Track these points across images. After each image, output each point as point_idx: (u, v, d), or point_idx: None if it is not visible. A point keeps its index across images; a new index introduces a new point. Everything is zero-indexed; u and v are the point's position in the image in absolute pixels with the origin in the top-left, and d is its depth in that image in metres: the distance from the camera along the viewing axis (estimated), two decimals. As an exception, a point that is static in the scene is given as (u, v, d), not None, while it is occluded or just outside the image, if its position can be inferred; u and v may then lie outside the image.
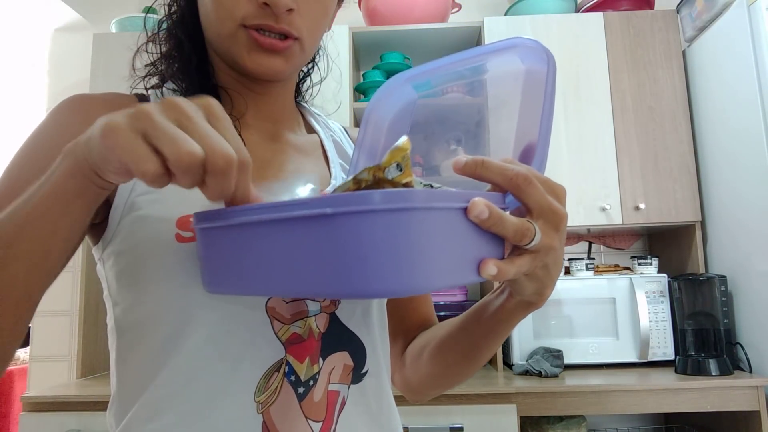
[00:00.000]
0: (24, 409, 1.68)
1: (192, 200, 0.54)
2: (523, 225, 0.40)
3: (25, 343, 2.42)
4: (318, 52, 0.73)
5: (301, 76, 0.74)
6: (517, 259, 0.41)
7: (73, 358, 2.29)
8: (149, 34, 0.66)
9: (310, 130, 0.72)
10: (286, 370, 0.53)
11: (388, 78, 2.28)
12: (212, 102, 0.39)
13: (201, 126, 0.36)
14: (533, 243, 0.41)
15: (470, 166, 0.41)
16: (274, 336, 0.54)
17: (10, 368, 2.53)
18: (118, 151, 0.36)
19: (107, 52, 2.17)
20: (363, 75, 2.28)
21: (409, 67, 2.32)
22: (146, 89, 0.65)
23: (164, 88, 0.63)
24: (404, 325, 0.72)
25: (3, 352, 0.44)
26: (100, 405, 1.66)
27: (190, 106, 0.37)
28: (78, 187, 0.41)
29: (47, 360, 2.37)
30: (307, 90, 0.75)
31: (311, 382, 0.54)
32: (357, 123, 2.26)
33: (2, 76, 2.62)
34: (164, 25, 0.65)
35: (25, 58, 2.64)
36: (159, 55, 0.65)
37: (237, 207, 0.40)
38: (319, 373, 0.55)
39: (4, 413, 2.35)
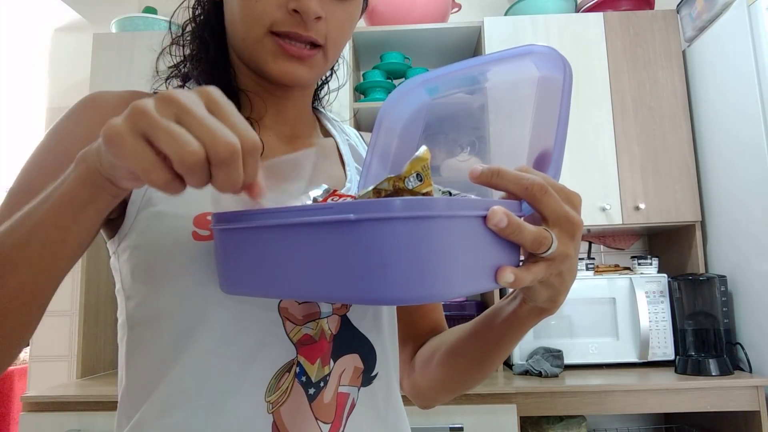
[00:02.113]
0: (24, 409, 1.68)
1: (209, 197, 0.54)
2: (540, 234, 0.40)
3: (25, 343, 2.42)
4: (337, 60, 0.74)
5: (319, 83, 0.75)
6: (533, 267, 0.41)
7: (73, 358, 2.30)
8: (173, 36, 0.66)
9: (327, 134, 0.72)
10: (297, 370, 0.54)
11: (388, 78, 2.28)
12: (211, 89, 0.37)
13: (200, 117, 0.35)
14: (550, 251, 0.41)
15: (486, 175, 0.41)
16: (285, 336, 0.54)
17: (10, 368, 2.53)
18: (125, 159, 0.35)
19: (107, 52, 2.17)
20: (363, 75, 2.28)
21: (409, 66, 2.31)
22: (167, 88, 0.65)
23: (185, 88, 0.63)
24: (414, 331, 0.72)
25: (8, 354, 0.45)
26: (100, 405, 1.66)
27: (187, 97, 0.36)
28: (89, 196, 0.41)
29: (47, 360, 2.37)
30: (324, 96, 0.76)
31: (322, 384, 0.55)
32: (357, 123, 2.26)
33: (2, 76, 2.62)
34: (188, 28, 0.66)
35: (25, 58, 2.64)
36: (182, 58, 0.65)
37: (258, 210, 0.40)
38: (329, 374, 0.55)
39: (4, 413, 2.35)
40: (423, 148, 0.40)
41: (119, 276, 0.59)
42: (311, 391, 0.54)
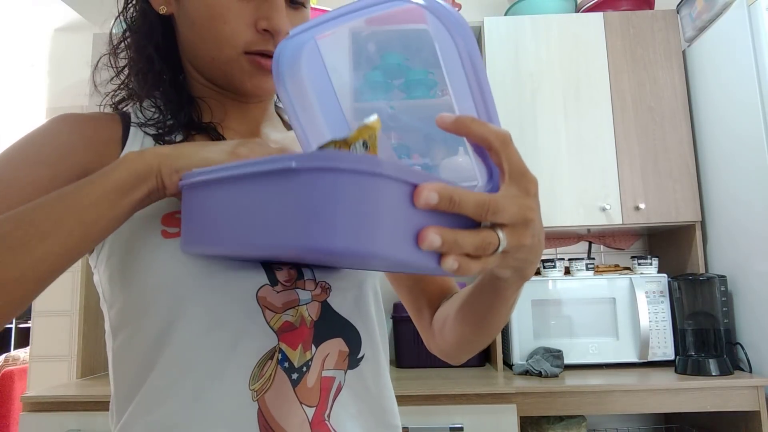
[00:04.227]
0: (24, 409, 1.68)
1: (175, 200, 0.55)
2: (484, 240, 0.38)
3: (26, 343, 2.42)
4: None
5: None
6: (482, 258, 0.39)
7: (73, 358, 2.29)
8: (113, 46, 0.66)
9: (290, 128, 0.74)
10: (280, 357, 0.54)
11: (388, 79, 2.27)
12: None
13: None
14: (499, 249, 0.39)
15: (464, 122, 0.40)
16: (266, 325, 0.55)
17: (10, 368, 2.53)
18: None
19: (107, 52, 2.17)
20: (364, 75, 2.28)
21: (409, 67, 2.31)
22: (114, 105, 0.66)
23: (143, 105, 0.63)
24: (426, 297, 0.73)
25: (6, 314, 0.45)
26: (100, 405, 1.66)
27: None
28: (134, 185, 0.47)
29: (47, 360, 2.37)
30: None
31: (304, 368, 0.55)
32: (357, 123, 2.26)
33: (2, 76, 2.62)
34: (127, 41, 0.66)
35: (25, 58, 2.64)
36: (120, 70, 0.66)
37: (213, 167, 0.42)
38: (312, 359, 0.56)
39: (4, 413, 2.35)
40: (373, 116, 0.40)
41: (101, 288, 0.60)
42: (294, 376, 0.54)
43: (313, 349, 0.56)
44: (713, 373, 1.72)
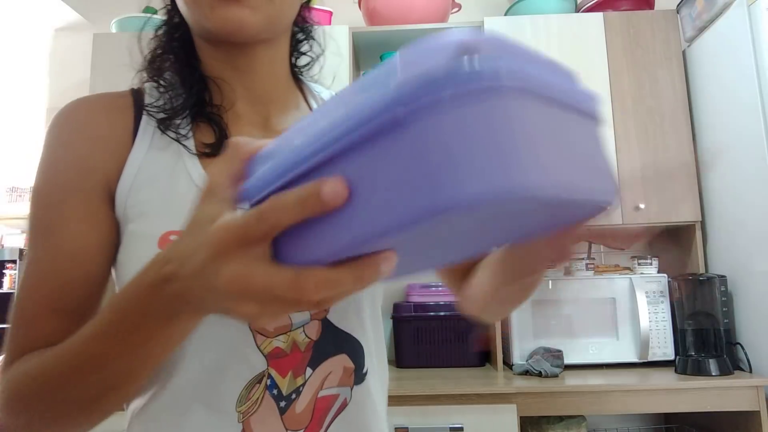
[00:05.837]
0: (24, 409, 1.68)
1: (176, 216, 0.51)
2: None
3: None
4: (312, 27, 0.70)
5: (293, 54, 0.70)
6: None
7: (73, 358, 2.29)
8: (147, 51, 0.66)
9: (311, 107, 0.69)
10: (268, 383, 0.54)
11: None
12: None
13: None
14: None
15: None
16: (256, 349, 0.54)
17: (10, 368, 2.53)
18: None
19: (107, 52, 2.17)
20: (363, 75, 2.28)
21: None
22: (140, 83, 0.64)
23: (160, 81, 0.62)
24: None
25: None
26: (100, 405, 1.66)
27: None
28: (166, 337, 0.41)
29: (47, 360, 2.36)
30: (305, 65, 0.71)
31: (293, 395, 0.55)
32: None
33: (2, 76, 2.62)
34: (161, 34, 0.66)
35: (25, 58, 2.64)
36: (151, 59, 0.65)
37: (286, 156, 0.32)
38: (304, 384, 0.55)
39: (4, 413, 2.34)
40: None
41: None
42: (282, 404, 0.54)
43: (308, 372, 0.55)
44: (713, 373, 1.72)
